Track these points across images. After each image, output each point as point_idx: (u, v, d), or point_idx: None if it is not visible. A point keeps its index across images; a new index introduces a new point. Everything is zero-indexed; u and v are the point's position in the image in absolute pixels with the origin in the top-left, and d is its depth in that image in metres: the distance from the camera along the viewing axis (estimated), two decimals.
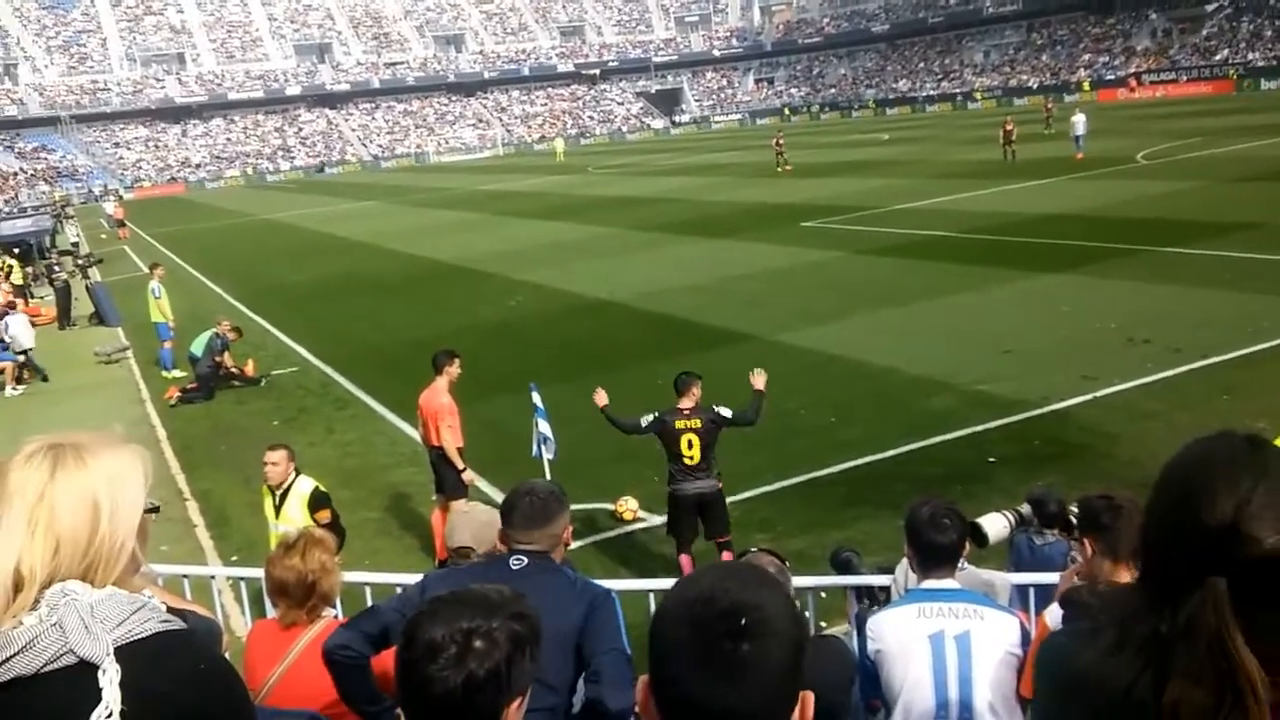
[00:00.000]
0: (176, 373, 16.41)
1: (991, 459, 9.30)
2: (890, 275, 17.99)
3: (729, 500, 7.99)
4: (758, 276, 19.27)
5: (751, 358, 13.70)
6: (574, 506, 9.35)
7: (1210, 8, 69.06)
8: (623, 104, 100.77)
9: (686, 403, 7.47)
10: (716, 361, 13.68)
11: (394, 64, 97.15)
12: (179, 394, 15.00)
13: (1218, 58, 64.16)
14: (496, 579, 1.99)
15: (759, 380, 7.76)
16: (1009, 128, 32.99)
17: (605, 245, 25.76)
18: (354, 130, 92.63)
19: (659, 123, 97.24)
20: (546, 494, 3.18)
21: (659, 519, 8.42)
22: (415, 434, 10.21)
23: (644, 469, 9.99)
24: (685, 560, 7.58)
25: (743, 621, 1.21)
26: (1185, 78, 64.06)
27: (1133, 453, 8.92)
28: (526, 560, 3.05)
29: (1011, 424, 10.12)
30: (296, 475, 7.19)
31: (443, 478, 8.60)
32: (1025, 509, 3.87)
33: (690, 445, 7.35)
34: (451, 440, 8.46)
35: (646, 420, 7.54)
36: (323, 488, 7.26)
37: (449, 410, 8.46)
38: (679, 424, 7.39)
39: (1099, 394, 10.55)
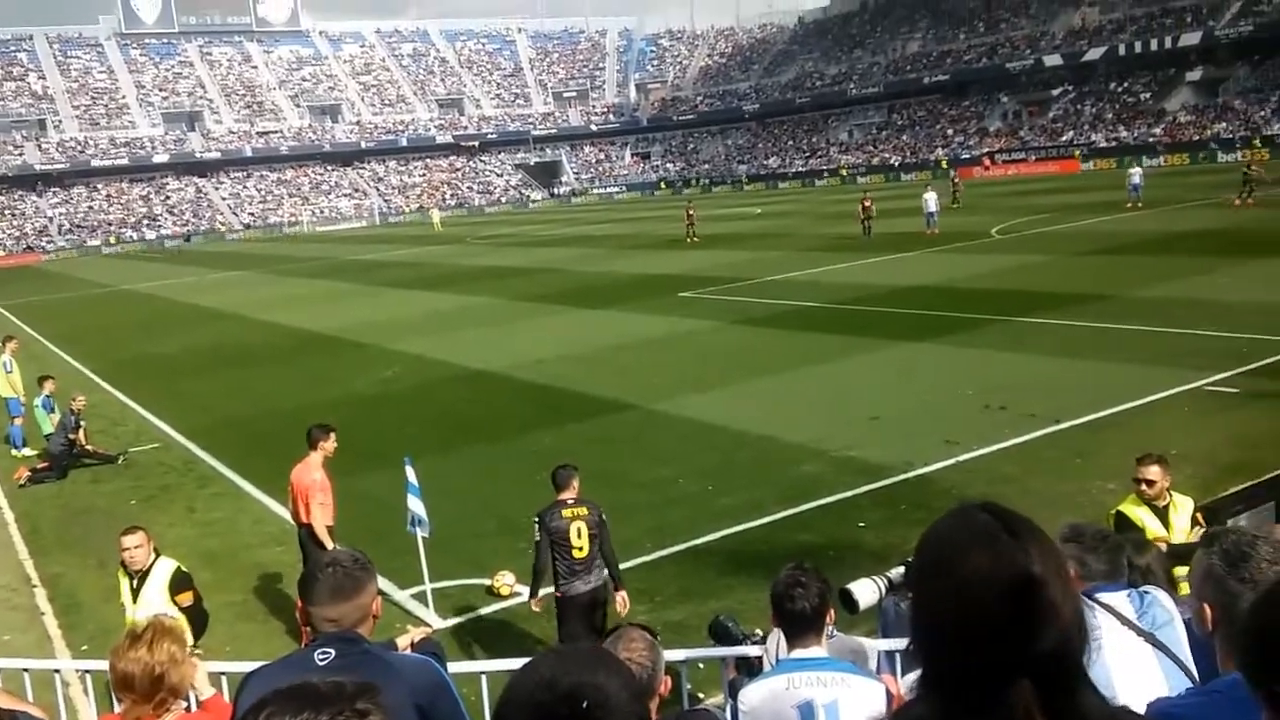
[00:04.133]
0: (27, 451, 15.53)
1: (861, 524, 9.54)
2: (764, 344, 18.43)
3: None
4: (636, 346, 19.48)
5: (631, 427, 13.87)
6: (450, 582, 9.17)
7: (1055, 92, 73.92)
8: (501, 175, 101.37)
9: (569, 494, 7.02)
10: (596, 430, 13.79)
11: (267, 133, 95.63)
12: (29, 474, 14.19)
13: (1064, 138, 68.54)
14: (301, 675, 1.76)
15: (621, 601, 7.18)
16: (867, 204, 34.29)
17: (484, 315, 25.67)
18: (224, 199, 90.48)
19: (538, 194, 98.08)
20: (352, 563, 2.97)
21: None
22: (284, 512, 9.93)
23: (521, 541, 9.90)
24: None
25: (584, 704, 1.22)
26: (1034, 157, 68.13)
27: None
28: (333, 653, 2.80)
29: (879, 489, 10.41)
30: (156, 557, 6.87)
31: (310, 558, 8.29)
32: (895, 574, 3.97)
33: (579, 534, 6.82)
34: (322, 518, 8.15)
35: (536, 536, 6.93)
36: (184, 568, 6.95)
37: (320, 487, 8.15)
38: (565, 513, 6.86)
39: (960, 458, 10.97)
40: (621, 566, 8.95)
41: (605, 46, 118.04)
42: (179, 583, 6.78)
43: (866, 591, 3.92)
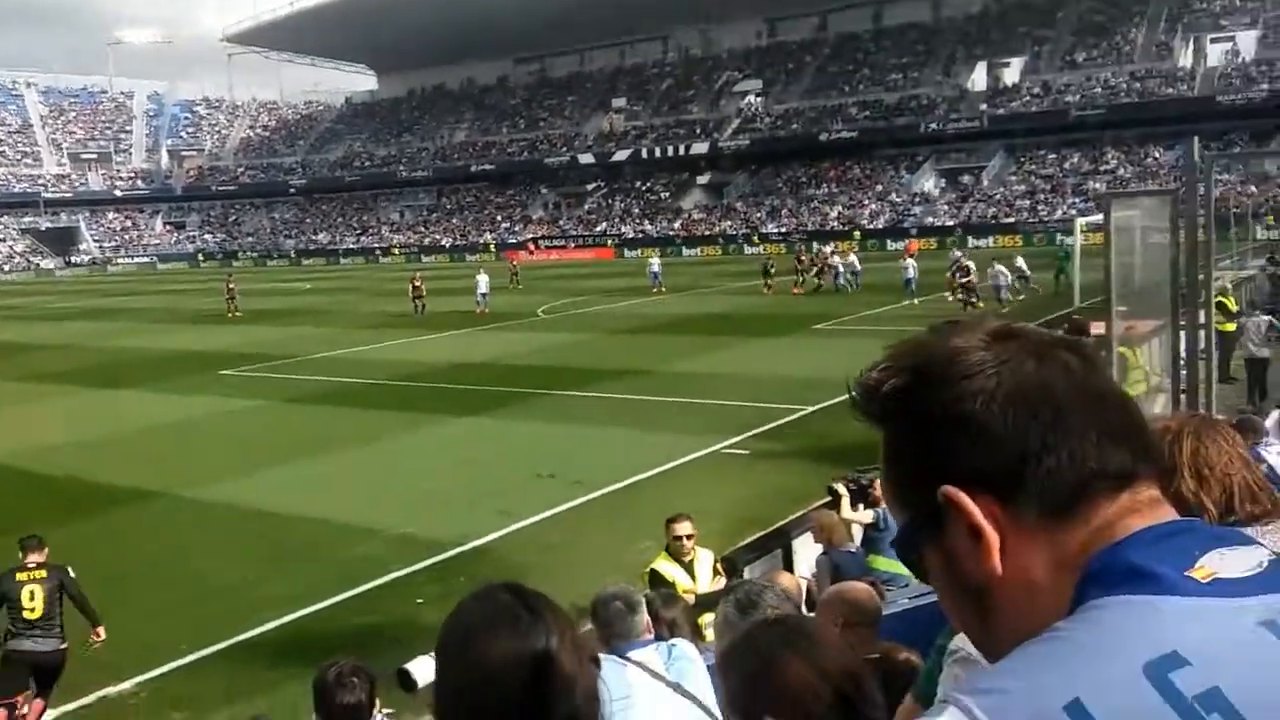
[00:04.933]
0: None
1: (419, 600, 9.45)
2: (315, 423, 17.77)
3: (140, 679, 7.47)
4: (169, 429, 17.87)
5: (161, 518, 12.61)
6: None
7: (590, 187, 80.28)
8: (5, 241, 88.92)
9: (35, 558, 7.39)
10: (119, 524, 12.39)
11: None
12: None
13: (598, 229, 74.46)
14: None
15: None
16: (417, 283, 34.65)
17: None
18: None
19: (51, 263, 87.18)
20: None
21: None
22: None
23: None
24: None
25: None
26: (574, 244, 73.23)
27: (544, 579, 9.64)
28: None
29: (435, 564, 10.39)
30: None
31: None
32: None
33: (32, 597, 7.18)
34: None
35: None
36: None
37: None
38: (20, 576, 7.26)
39: (513, 528, 11.30)
40: (154, 672, 8.14)
41: (132, 109, 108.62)
42: None
43: (425, 671, 3.89)
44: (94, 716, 7.62)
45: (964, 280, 28.70)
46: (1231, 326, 16.22)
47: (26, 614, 7.08)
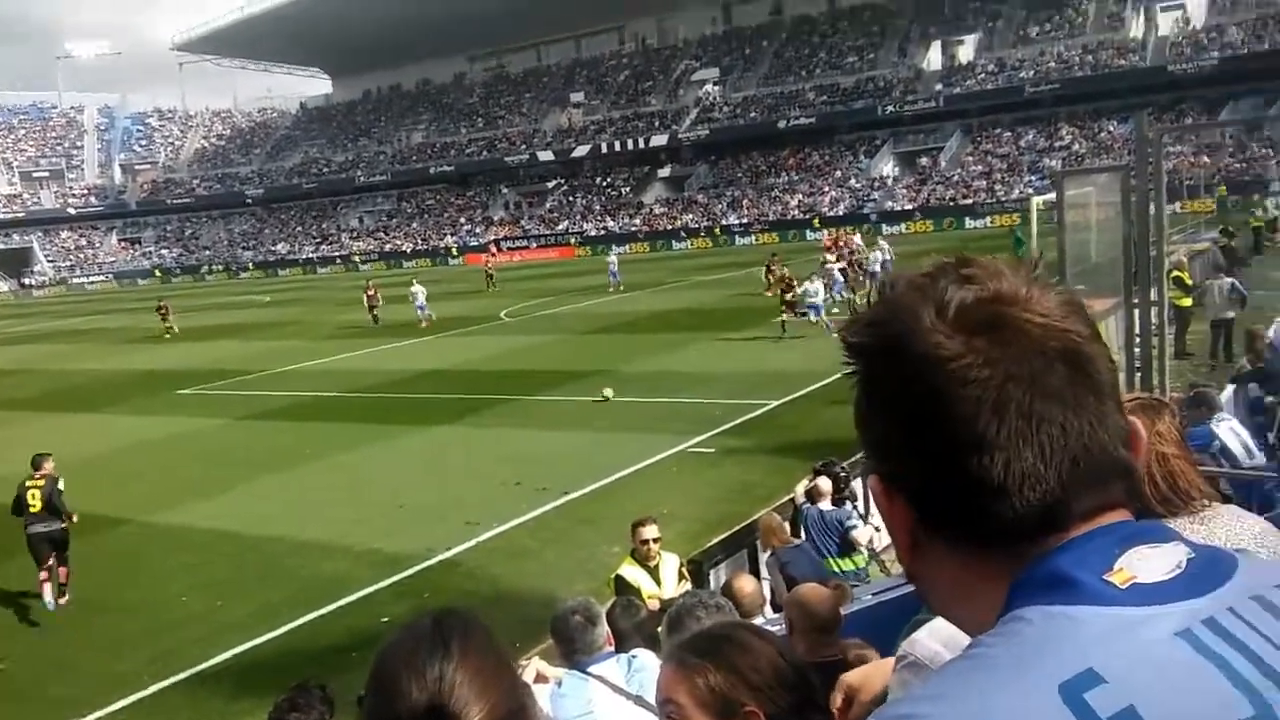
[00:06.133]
0: None
1: (385, 618, 9.32)
2: (277, 440, 17.54)
3: (102, 713, 7.54)
4: (127, 452, 17.60)
5: (122, 543, 12.40)
6: None
7: (550, 185, 79.98)
8: None
9: (46, 468, 10.86)
10: (81, 552, 12.14)
11: None
12: None
13: (560, 227, 74.18)
14: None
15: None
16: (371, 292, 33.97)
17: None
18: None
19: (4, 285, 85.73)
20: None
21: None
22: None
23: None
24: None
25: None
26: (536, 244, 72.88)
27: (514, 588, 9.58)
28: None
29: (403, 579, 10.27)
30: None
31: None
32: None
33: (34, 497, 10.52)
34: None
35: None
36: None
37: None
38: (29, 484, 10.65)
39: (481, 538, 11.20)
40: (116, 706, 7.99)
41: (84, 124, 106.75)
42: None
43: None
44: None
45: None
46: (1188, 301, 16.40)
47: (32, 509, 10.48)
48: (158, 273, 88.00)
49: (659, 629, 5.53)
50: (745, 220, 65.82)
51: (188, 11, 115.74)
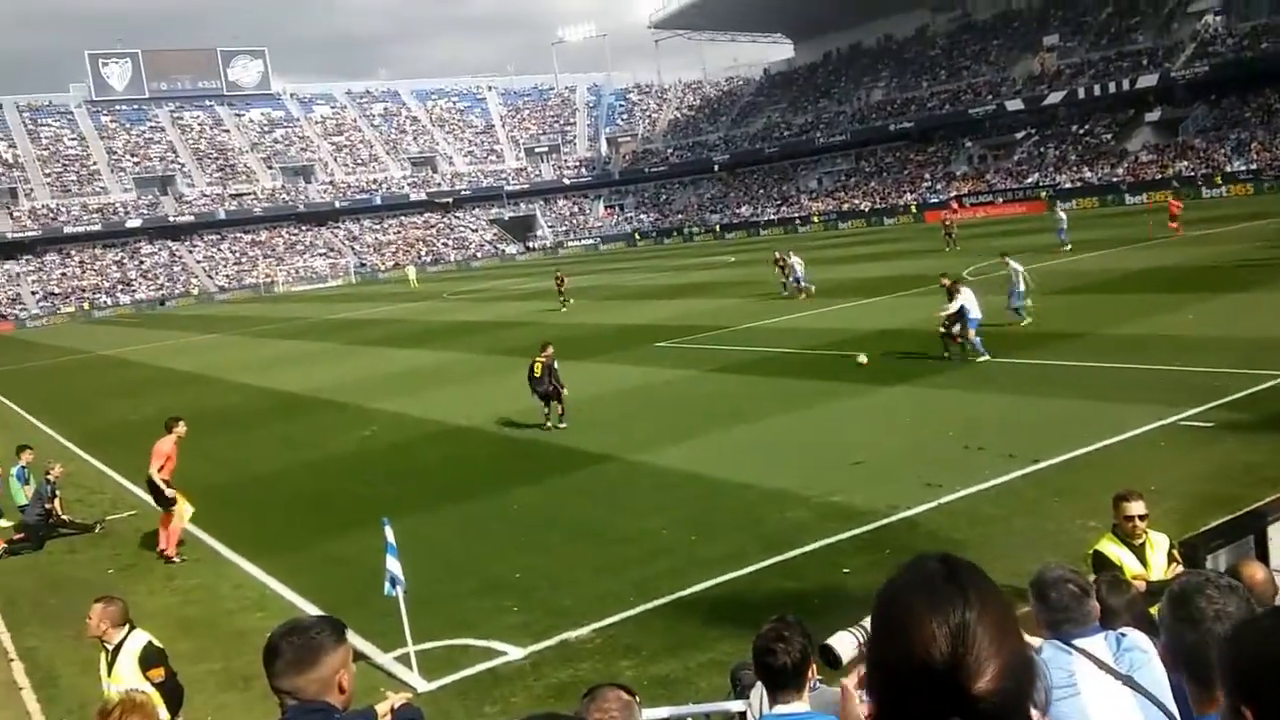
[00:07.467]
0: (3, 523, 15.31)
1: (846, 570, 9.53)
2: (741, 392, 18.48)
3: (595, 626, 8.35)
4: (614, 397, 19.50)
5: (612, 479, 13.85)
6: (434, 644, 9.08)
7: (1019, 136, 75.24)
8: (476, 231, 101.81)
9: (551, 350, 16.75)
10: (577, 484, 13.80)
11: (240, 195, 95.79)
12: (4, 546, 13.98)
13: (1029, 180, 69.63)
14: None
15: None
16: (780, 260, 33.56)
17: (462, 370, 25.65)
18: (199, 262, 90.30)
19: (513, 248, 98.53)
20: (312, 631, 2.82)
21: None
22: (264, 576, 11.36)
23: (504, 600, 9.84)
24: None
25: None
26: (1001, 199, 69.11)
27: (977, 556, 9.26)
28: None
29: (863, 534, 10.42)
30: (130, 630, 6.76)
31: (158, 498, 12.95)
32: (869, 623, 3.96)
33: (535, 369, 16.51)
34: (156, 473, 12.77)
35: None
36: (157, 643, 6.81)
37: (160, 454, 12.91)
38: (538, 359, 16.41)
39: (942, 500, 11.01)
40: (607, 620, 8.99)
41: (575, 102, 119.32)
42: (148, 659, 6.62)
43: (847, 645, 3.92)
44: (556, 657, 8.55)
45: None
46: None
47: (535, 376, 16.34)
48: (636, 235, 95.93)
49: (1150, 609, 5.12)
50: (1254, 166, 57.28)
51: None
